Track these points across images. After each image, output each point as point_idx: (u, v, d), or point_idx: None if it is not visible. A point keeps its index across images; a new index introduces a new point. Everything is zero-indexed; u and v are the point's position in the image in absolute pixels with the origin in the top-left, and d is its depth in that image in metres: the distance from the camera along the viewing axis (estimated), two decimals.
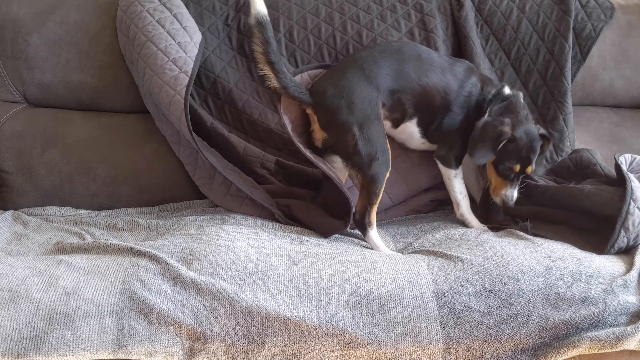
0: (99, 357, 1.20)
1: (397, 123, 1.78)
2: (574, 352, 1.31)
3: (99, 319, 1.21)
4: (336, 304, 1.28)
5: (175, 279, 1.29)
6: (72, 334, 1.18)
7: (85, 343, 1.19)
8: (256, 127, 1.95)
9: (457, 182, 1.79)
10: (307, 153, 1.66)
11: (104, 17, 2.00)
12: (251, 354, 1.25)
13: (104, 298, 1.23)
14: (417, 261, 1.41)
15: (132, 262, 1.32)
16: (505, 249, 1.44)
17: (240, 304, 1.26)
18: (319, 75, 1.82)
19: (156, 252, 1.35)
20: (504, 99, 1.75)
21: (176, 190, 1.94)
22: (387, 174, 1.66)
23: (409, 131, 1.80)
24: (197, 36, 1.93)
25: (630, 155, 1.73)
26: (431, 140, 1.82)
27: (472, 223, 1.76)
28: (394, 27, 2.03)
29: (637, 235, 1.50)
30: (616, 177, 1.69)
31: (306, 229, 1.71)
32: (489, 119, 1.69)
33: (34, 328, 1.17)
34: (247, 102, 1.96)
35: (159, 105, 1.84)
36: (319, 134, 1.69)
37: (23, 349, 1.16)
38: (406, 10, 2.07)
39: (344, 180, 1.80)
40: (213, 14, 2.04)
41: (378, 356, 1.27)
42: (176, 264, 1.32)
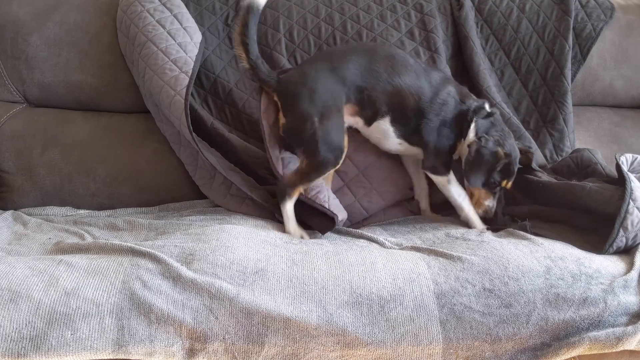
0: (99, 357, 1.20)
1: (370, 121, 1.76)
2: (574, 353, 1.31)
3: (99, 319, 1.21)
4: (336, 304, 1.28)
5: (175, 279, 1.29)
6: (72, 334, 1.18)
7: (85, 343, 1.19)
8: (256, 127, 1.94)
9: (453, 187, 1.77)
10: (272, 161, 1.70)
11: (104, 17, 2.00)
12: (251, 353, 1.25)
13: (104, 298, 1.23)
14: (418, 261, 1.41)
15: (132, 262, 1.32)
16: (505, 249, 1.44)
17: (240, 304, 1.26)
18: None
19: (156, 252, 1.35)
20: (488, 114, 1.75)
21: (176, 190, 1.94)
22: (332, 170, 1.69)
23: (383, 129, 1.77)
24: (198, 36, 1.93)
25: (631, 155, 1.73)
26: (410, 142, 1.78)
27: (475, 224, 1.76)
28: (394, 27, 2.03)
29: (636, 235, 1.50)
30: (617, 176, 1.69)
31: (306, 229, 1.71)
32: (481, 142, 1.68)
33: (34, 328, 1.17)
34: (247, 102, 1.96)
35: (159, 106, 1.84)
36: (282, 120, 1.71)
37: (23, 349, 1.16)
38: (406, 10, 2.07)
39: (330, 184, 1.82)
40: (213, 14, 2.04)
41: (378, 356, 1.27)
42: (176, 264, 1.32)
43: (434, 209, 1.93)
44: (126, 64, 1.98)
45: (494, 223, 1.77)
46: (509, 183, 1.74)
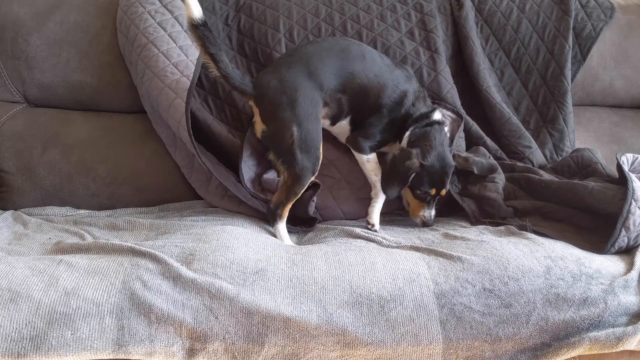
0: (99, 357, 1.20)
1: (335, 121, 1.81)
2: (574, 353, 1.31)
3: (99, 319, 1.21)
4: (336, 303, 1.28)
5: (176, 278, 1.29)
6: (72, 334, 1.18)
7: (85, 343, 1.19)
8: None
9: (370, 165, 1.82)
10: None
11: (104, 17, 2.00)
12: (251, 353, 1.25)
13: (104, 298, 1.23)
14: (418, 261, 1.41)
15: (132, 262, 1.32)
16: (505, 249, 1.44)
17: (240, 304, 1.26)
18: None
19: (156, 252, 1.35)
20: (429, 123, 1.77)
21: (176, 190, 1.94)
22: (312, 178, 1.69)
23: (343, 127, 1.83)
24: None
25: (632, 155, 1.73)
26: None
27: (372, 210, 1.79)
28: (394, 27, 2.03)
29: (638, 235, 1.50)
30: (618, 176, 1.69)
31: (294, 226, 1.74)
32: (398, 156, 1.73)
33: (34, 328, 1.17)
34: (246, 102, 1.95)
35: (156, 108, 1.83)
36: (259, 125, 1.71)
37: (23, 349, 1.16)
38: (406, 10, 2.07)
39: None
40: (213, 14, 2.04)
41: (378, 356, 1.27)
42: (176, 264, 1.32)
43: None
44: (126, 64, 1.98)
45: (496, 214, 1.76)
46: (442, 191, 1.73)
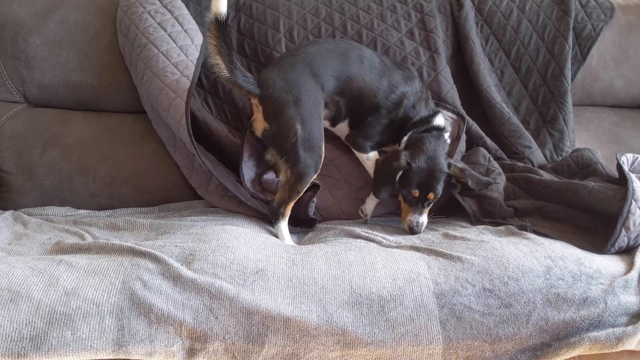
0: (99, 357, 1.20)
1: (335, 123, 1.84)
2: (574, 353, 1.31)
3: (99, 319, 1.21)
4: (336, 303, 1.28)
5: (176, 278, 1.29)
6: (72, 334, 1.18)
7: (85, 343, 1.19)
8: None
9: (371, 163, 1.84)
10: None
11: (104, 17, 2.00)
12: (251, 353, 1.25)
13: (104, 298, 1.23)
14: (418, 261, 1.41)
15: (132, 262, 1.32)
16: (505, 249, 1.44)
17: (240, 304, 1.26)
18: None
19: (156, 252, 1.35)
20: (427, 129, 1.78)
21: (176, 190, 1.94)
22: (314, 176, 1.70)
23: (343, 128, 1.86)
24: (199, 38, 1.92)
25: (632, 155, 1.73)
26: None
27: (368, 201, 1.84)
28: (394, 27, 2.03)
29: (638, 235, 1.50)
30: (618, 176, 1.69)
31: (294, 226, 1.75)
32: (388, 154, 1.77)
33: (34, 328, 1.17)
34: (247, 102, 1.96)
35: (156, 108, 1.83)
36: (261, 124, 1.71)
37: (23, 349, 1.16)
38: (406, 10, 2.07)
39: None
40: None
41: (378, 356, 1.27)
42: (176, 264, 1.32)
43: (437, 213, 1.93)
44: (126, 64, 1.97)
45: (497, 214, 1.76)
46: (428, 194, 1.71)
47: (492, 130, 2.05)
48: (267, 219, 1.75)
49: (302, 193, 1.71)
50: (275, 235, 1.68)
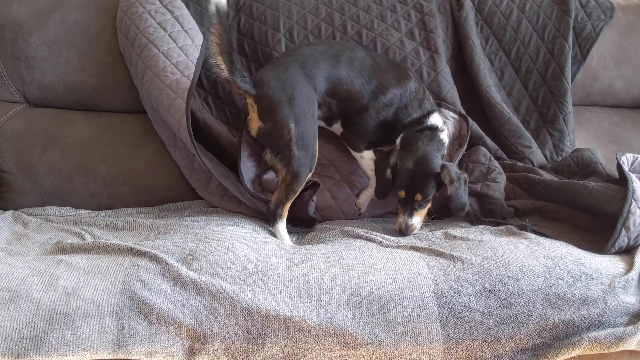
0: (99, 357, 1.20)
1: (329, 123, 1.85)
2: (574, 353, 1.31)
3: (99, 319, 1.21)
4: (336, 303, 1.29)
5: (176, 278, 1.29)
6: (72, 334, 1.18)
7: (85, 343, 1.19)
8: None
9: (365, 161, 1.84)
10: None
11: (104, 17, 2.00)
12: (251, 353, 1.25)
13: (104, 298, 1.23)
14: (418, 261, 1.41)
15: (132, 262, 1.32)
16: (505, 249, 1.44)
17: (240, 304, 1.26)
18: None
19: (156, 252, 1.35)
20: (420, 129, 1.77)
21: (176, 190, 1.94)
22: (310, 175, 1.71)
23: (337, 128, 1.88)
24: (199, 38, 1.92)
25: (632, 155, 1.73)
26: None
27: (362, 195, 1.87)
28: (394, 27, 2.03)
29: (638, 235, 1.50)
30: (618, 176, 1.69)
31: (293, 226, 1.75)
32: (380, 155, 1.79)
33: (34, 328, 1.17)
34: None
35: (156, 108, 1.84)
36: (256, 123, 1.71)
37: (23, 349, 1.16)
38: (406, 10, 2.07)
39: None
40: None
41: (378, 356, 1.27)
42: (176, 264, 1.32)
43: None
44: (126, 64, 1.97)
45: (497, 214, 1.76)
46: (415, 196, 1.69)
47: (492, 130, 2.05)
48: (267, 218, 1.75)
49: (299, 192, 1.70)
50: (275, 236, 1.68)
